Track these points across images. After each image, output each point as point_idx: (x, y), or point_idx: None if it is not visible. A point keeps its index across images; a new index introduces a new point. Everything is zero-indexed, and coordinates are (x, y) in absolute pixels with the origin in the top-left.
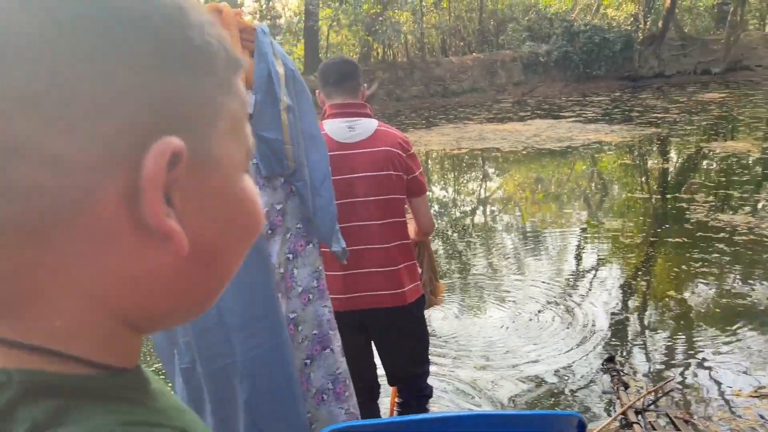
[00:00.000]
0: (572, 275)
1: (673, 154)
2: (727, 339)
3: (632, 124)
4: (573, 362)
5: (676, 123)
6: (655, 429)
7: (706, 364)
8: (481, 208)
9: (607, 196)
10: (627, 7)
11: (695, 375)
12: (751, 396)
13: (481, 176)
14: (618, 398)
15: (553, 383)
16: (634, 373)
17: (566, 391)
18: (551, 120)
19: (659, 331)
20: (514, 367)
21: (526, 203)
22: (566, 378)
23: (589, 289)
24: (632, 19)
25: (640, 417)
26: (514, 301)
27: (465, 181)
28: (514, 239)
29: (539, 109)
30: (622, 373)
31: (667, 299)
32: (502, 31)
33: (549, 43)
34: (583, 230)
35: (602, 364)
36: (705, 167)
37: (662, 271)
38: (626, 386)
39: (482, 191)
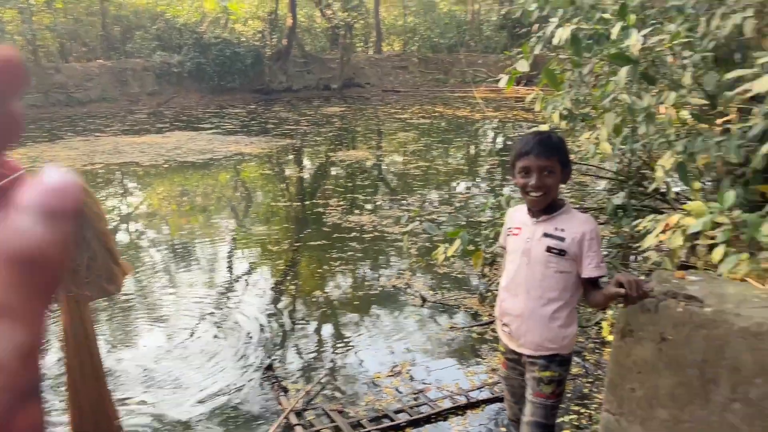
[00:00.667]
0: (225, 286)
1: (307, 163)
2: (366, 325)
3: (269, 135)
4: (236, 378)
5: (306, 134)
6: (314, 425)
7: (351, 352)
8: (124, 225)
9: (252, 204)
10: (254, 24)
11: (344, 365)
12: (389, 375)
13: (121, 192)
14: (279, 404)
15: (220, 404)
16: (293, 375)
17: (233, 408)
18: (191, 132)
19: (310, 329)
20: (180, 394)
21: (173, 216)
22: (232, 395)
23: (242, 299)
24: (260, 35)
25: (300, 418)
26: (170, 320)
27: (103, 198)
28: (164, 254)
29: (177, 120)
30: (280, 379)
31: (314, 298)
32: (129, 38)
33: (181, 54)
34: (233, 240)
35: (262, 373)
36: (334, 174)
37: (307, 272)
38: (286, 390)
39: (124, 208)
